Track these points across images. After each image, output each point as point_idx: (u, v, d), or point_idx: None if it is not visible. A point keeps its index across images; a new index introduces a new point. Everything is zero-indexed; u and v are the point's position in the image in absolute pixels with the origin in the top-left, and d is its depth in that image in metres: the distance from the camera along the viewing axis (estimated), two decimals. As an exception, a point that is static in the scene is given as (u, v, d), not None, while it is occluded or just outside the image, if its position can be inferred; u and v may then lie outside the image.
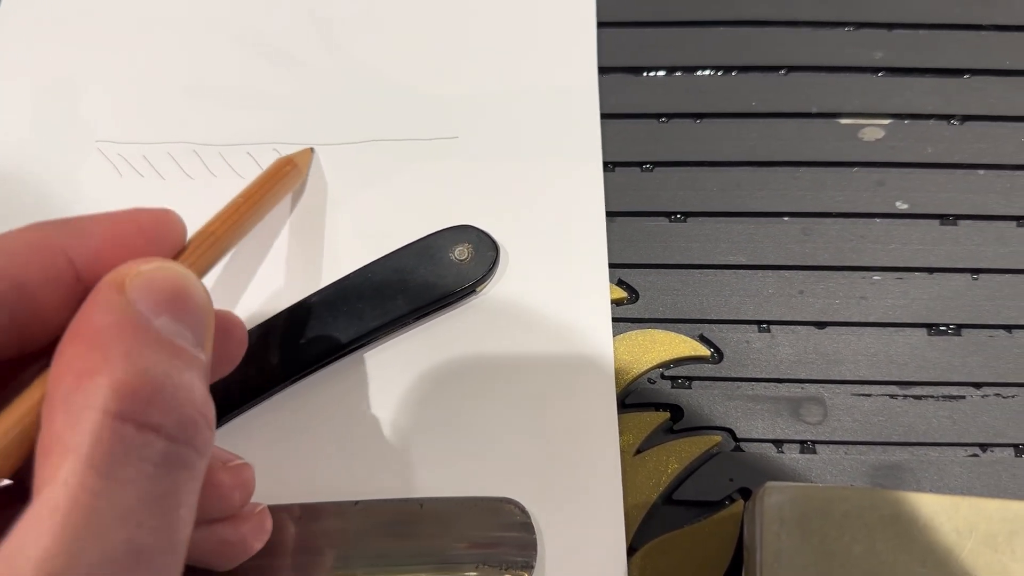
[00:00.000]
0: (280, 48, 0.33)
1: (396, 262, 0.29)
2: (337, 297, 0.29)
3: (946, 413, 0.29)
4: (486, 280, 0.30)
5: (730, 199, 0.31)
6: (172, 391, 0.16)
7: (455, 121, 0.32)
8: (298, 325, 0.28)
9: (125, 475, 0.15)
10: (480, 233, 0.30)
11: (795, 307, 0.30)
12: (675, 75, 0.33)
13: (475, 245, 0.29)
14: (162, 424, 0.16)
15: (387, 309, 0.29)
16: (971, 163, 0.32)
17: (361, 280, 0.29)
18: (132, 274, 0.17)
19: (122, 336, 0.16)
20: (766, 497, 0.25)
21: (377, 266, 0.29)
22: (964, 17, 0.34)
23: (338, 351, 0.28)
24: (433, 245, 0.30)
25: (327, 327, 0.28)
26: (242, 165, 0.32)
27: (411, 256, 0.29)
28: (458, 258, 0.29)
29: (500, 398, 0.29)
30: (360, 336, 0.28)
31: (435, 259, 0.29)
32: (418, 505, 0.27)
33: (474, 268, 0.29)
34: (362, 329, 0.28)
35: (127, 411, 0.15)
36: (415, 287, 0.29)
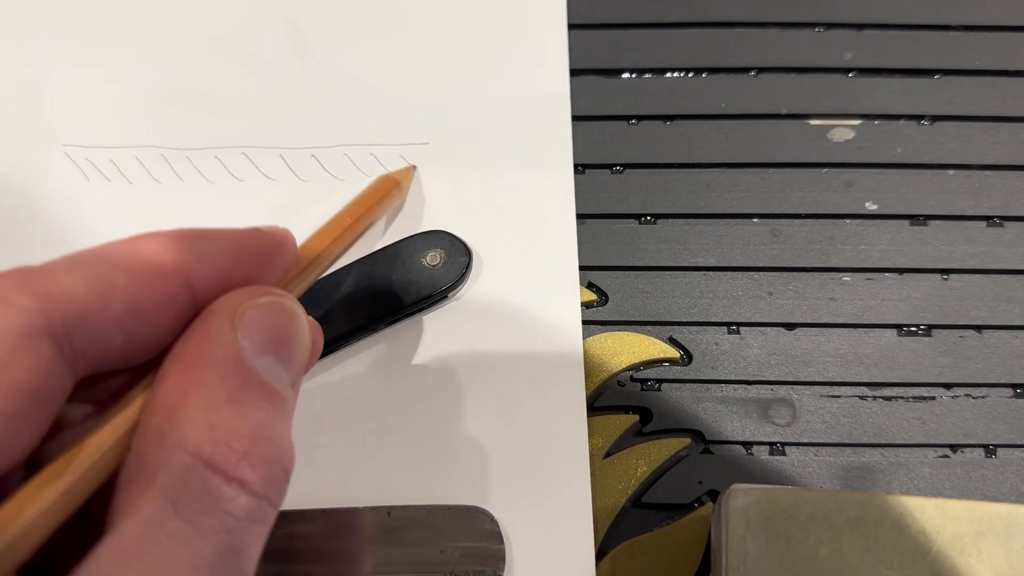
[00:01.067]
0: (250, 51, 0.33)
1: (367, 268, 0.29)
2: (305, 303, 0.28)
3: (916, 414, 0.29)
4: (458, 286, 0.29)
5: (700, 201, 0.31)
6: (265, 446, 0.16)
7: (426, 126, 0.32)
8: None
9: (206, 524, 0.15)
10: (452, 238, 0.29)
11: (764, 308, 0.30)
12: (645, 77, 0.33)
13: (447, 251, 0.29)
14: (250, 481, 0.16)
15: (357, 315, 0.28)
16: (941, 163, 0.32)
17: (330, 286, 0.29)
18: (247, 306, 0.17)
19: (225, 376, 0.16)
20: (731, 500, 0.25)
21: (347, 272, 0.29)
22: (934, 17, 0.34)
23: None
24: (404, 250, 0.29)
25: None
26: (210, 169, 0.31)
27: (382, 262, 0.29)
28: (430, 263, 0.29)
29: (469, 402, 0.28)
30: (328, 342, 0.28)
31: (407, 264, 0.29)
32: (385, 513, 0.26)
33: (446, 274, 0.29)
34: (330, 335, 0.28)
35: (219, 461, 0.15)
36: (386, 293, 0.29)
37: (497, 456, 0.28)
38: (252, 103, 0.32)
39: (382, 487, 0.28)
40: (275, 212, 0.31)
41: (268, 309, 0.17)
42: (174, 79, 0.33)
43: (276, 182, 0.31)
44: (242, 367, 0.16)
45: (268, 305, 0.17)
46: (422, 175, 0.32)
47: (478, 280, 0.30)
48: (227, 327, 0.16)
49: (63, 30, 0.34)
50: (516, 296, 0.30)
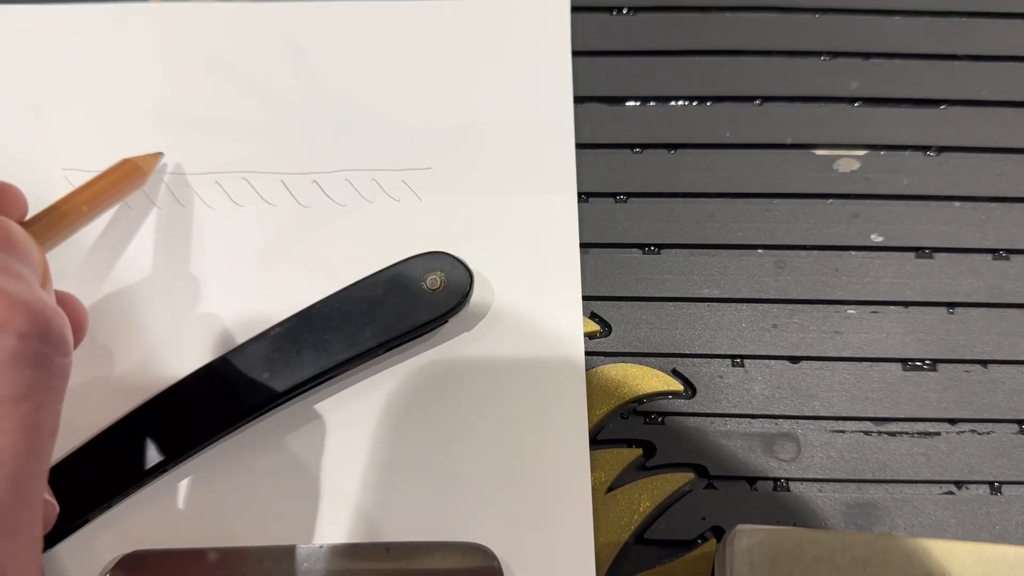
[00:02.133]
0: (252, 77, 0.33)
1: (364, 291, 0.28)
2: (302, 328, 0.28)
3: (921, 450, 0.29)
4: (459, 309, 0.29)
5: (704, 231, 0.31)
6: (13, 292, 0.17)
7: (429, 151, 0.32)
8: (260, 358, 0.27)
9: None
10: (453, 260, 0.29)
11: (769, 341, 0.30)
12: (649, 105, 0.33)
13: (447, 273, 0.28)
14: (7, 320, 0.16)
15: (355, 341, 0.28)
16: (947, 195, 0.32)
17: (328, 310, 0.28)
18: None
19: None
20: (736, 540, 0.24)
21: (344, 295, 0.28)
22: (940, 47, 0.34)
23: (303, 385, 0.27)
24: (403, 273, 0.29)
25: (292, 360, 0.27)
26: (210, 194, 0.31)
27: (381, 284, 0.28)
28: (430, 287, 0.28)
29: (469, 434, 0.28)
30: (326, 370, 0.27)
31: (406, 288, 0.28)
32: (384, 549, 0.26)
33: (447, 297, 0.28)
34: (328, 362, 0.27)
35: None
36: (384, 318, 0.28)
37: (498, 489, 0.27)
38: (253, 128, 0.32)
39: (381, 521, 0.27)
40: (276, 237, 0.31)
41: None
42: (175, 103, 0.33)
43: (277, 207, 0.31)
44: None
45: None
46: (424, 201, 0.31)
47: (479, 309, 0.30)
48: None
49: (65, 54, 0.33)
50: (518, 326, 0.29)
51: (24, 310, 0.17)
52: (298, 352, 0.28)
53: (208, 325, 0.30)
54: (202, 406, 0.28)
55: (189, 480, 0.28)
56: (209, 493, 0.28)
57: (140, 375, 0.29)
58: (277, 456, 0.28)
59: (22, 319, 0.16)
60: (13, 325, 0.16)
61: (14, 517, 0.16)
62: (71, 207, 0.26)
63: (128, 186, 0.29)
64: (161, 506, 0.28)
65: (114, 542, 0.27)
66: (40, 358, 0.17)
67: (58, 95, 0.33)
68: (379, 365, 0.29)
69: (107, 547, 0.27)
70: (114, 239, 0.31)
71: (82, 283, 0.30)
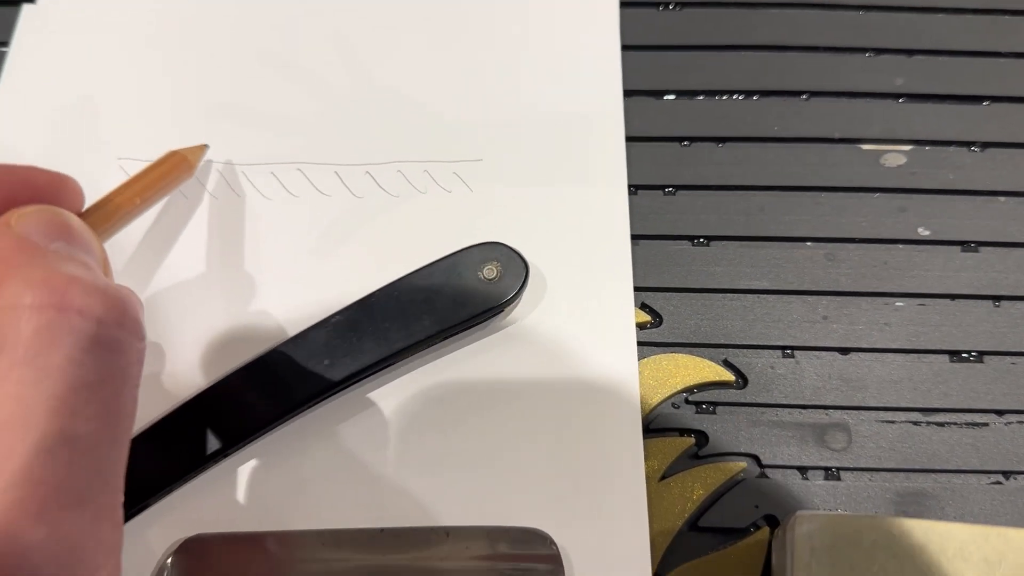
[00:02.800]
0: (304, 69, 0.33)
1: (422, 280, 0.29)
2: (361, 316, 0.28)
3: (969, 440, 0.29)
4: (515, 300, 0.29)
5: (753, 224, 0.32)
6: (88, 278, 0.17)
7: (480, 143, 0.32)
8: (320, 346, 0.28)
9: (52, 362, 0.15)
10: (509, 251, 0.29)
11: (819, 333, 0.30)
12: (698, 99, 0.33)
13: (504, 263, 0.29)
14: (85, 306, 0.16)
15: (413, 329, 0.28)
16: (992, 190, 0.32)
17: (386, 298, 0.28)
18: (15, 215, 0.18)
19: (22, 252, 0.17)
20: (797, 526, 0.25)
21: (403, 284, 0.29)
22: (983, 44, 0.34)
23: (363, 372, 0.28)
24: (460, 263, 0.29)
25: (351, 348, 0.28)
26: (266, 185, 0.32)
27: (438, 274, 0.29)
28: (487, 277, 0.28)
29: (524, 423, 0.28)
30: (386, 357, 0.28)
31: (463, 277, 0.29)
32: (444, 533, 0.26)
33: (503, 287, 0.28)
34: (387, 350, 0.28)
35: (45, 300, 0.16)
36: (442, 306, 0.28)
37: (553, 477, 0.28)
38: (307, 120, 0.33)
39: (440, 506, 0.28)
40: (330, 228, 0.31)
41: (38, 211, 0.19)
42: (230, 95, 0.33)
43: (331, 198, 0.31)
44: (35, 246, 0.17)
45: (37, 210, 0.19)
46: (475, 192, 0.32)
47: (532, 300, 0.30)
48: (4, 227, 0.18)
49: (121, 46, 0.34)
50: (571, 316, 0.30)
51: (100, 296, 0.17)
52: (358, 340, 0.28)
53: (263, 315, 0.30)
54: (261, 393, 0.28)
55: (248, 467, 0.28)
56: (267, 480, 0.28)
57: (196, 364, 0.29)
58: (334, 443, 0.28)
59: (99, 305, 0.17)
60: (91, 311, 0.16)
61: (100, 502, 0.16)
62: (124, 199, 0.27)
63: (176, 178, 0.30)
64: (219, 492, 0.28)
65: (173, 527, 0.27)
66: (117, 343, 0.17)
67: (112, 87, 0.33)
68: (434, 353, 0.29)
69: (166, 532, 0.27)
70: (170, 229, 0.31)
71: (139, 272, 0.30)
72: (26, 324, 0.15)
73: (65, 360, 0.16)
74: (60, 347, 0.16)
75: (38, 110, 0.33)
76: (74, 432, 0.15)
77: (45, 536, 0.15)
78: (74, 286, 0.16)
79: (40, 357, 0.15)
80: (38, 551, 0.14)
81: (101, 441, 0.16)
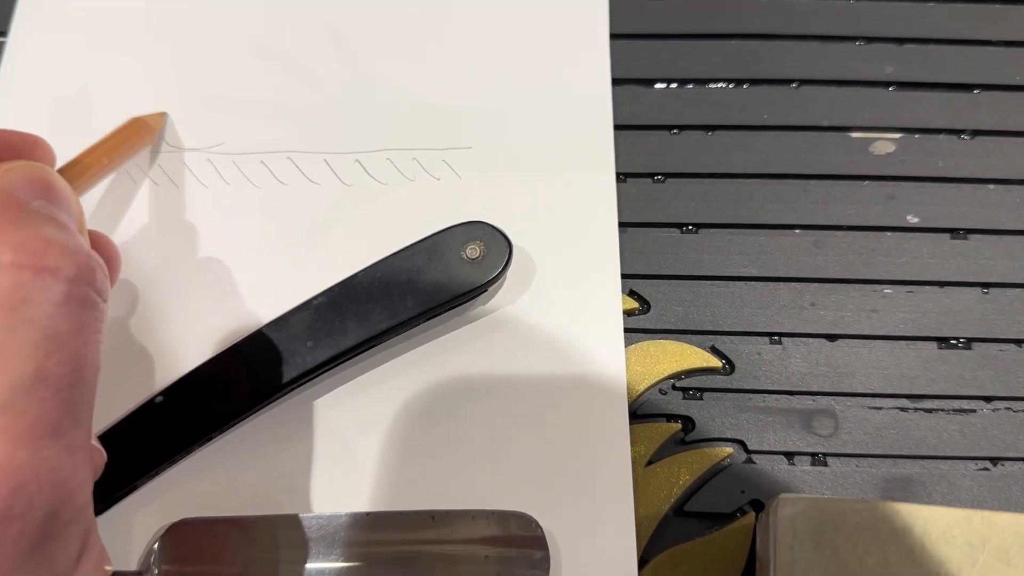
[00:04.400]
0: (294, 58, 0.34)
1: (405, 261, 0.29)
2: (344, 298, 0.28)
3: (957, 427, 0.29)
4: (499, 279, 0.29)
5: (741, 211, 0.32)
6: (63, 242, 0.19)
7: (469, 131, 0.33)
8: (303, 327, 0.28)
9: (28, 314, 0.17)
10: (492, 229, 0.29)
11: (806, 319, 0.30)
12: (687, 87, 0.33)
13: (486, 243, 0.29)
14: (59, 267, 0.18)
15: (396, 310, 0.28)
16: (981, 178, 0.32)
17: (368, 280, 0.28)
18: (3, 168, 0.20)
19: (6, 210, 0.19)
20: (780, 509, 0.25)
21: (385, 265, 0.29)
22: (974, 33, 0.34)
23: (346, 354, 0.28)
24: (443, 243, 0.29)
25: (334, 329, 0.28)
26: (256, 173, 0.32)
27: (420, 254, 0.29)
28: (470, 256, 0.28)
29: (511, 409, 0.29)
30: (368, 338, 0.28)
31: (445, 257, 0.29)
32: (429, 517, 0.27)
33: (486, 267, 0.28)
34: (370, 331, 0.28)
35: (23, 261, 0.18)
36: (425, 287, 0.28)
37: (540, 462, 0.28)
38: (297, 108, 0.33)
39: (425, 490, 0.28)
40: (319, 216, 0.31)
41: (25, 167, 0.20)
42: (220, 85, 0.33)
43: (320, 186, 0.32)
44: (19, 204, 0.19)
45: (24, 165, 0.21)
46: (464, 179, 0.32)
47: (520, 287, 0.30)
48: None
49: (115, 35, 0.34)
50: (558, 303, 0.30)
51: (72, 259, 0.19)
52: (340, 321, 0.28)
53: (251, 302, 0.30)
54: (246, 376, 0.28)
55: (233, 451, 0.28)
56: (252, 464, 0.28)
57: (183, 350, 0.29)
58: (319, 428, 0.29)
59: (71, 267, 0.19)
60: (64, 272, 0.18)
61: (73, 436, 0.18)
62: (92, 159, 0.28)
63: (140, 141, 0.31)
64: (205, 477, 0.28)
65: (159, 512, 0.27)
66: (86, 300, 0.19)
67: (107, 77, 0.33)
68: (419, 337, 0.29)
69: (153, 517, 0.27)
70: (161, 217, 0.31)
71: (131, 260, 0.30)
72: (4, 279, 0.17)
73: (40, 313, 0.18)
74: (35, 302, 0.18)
75: (35, 100, 0.33)
76: (47, 373, 0.17)
77: (27, 458, 0.17)
78: (50, 249, 0.18)
79: (17, 310, 0.17)
80: (22, 471, 0.17)
81: (72, 383, 0.18)
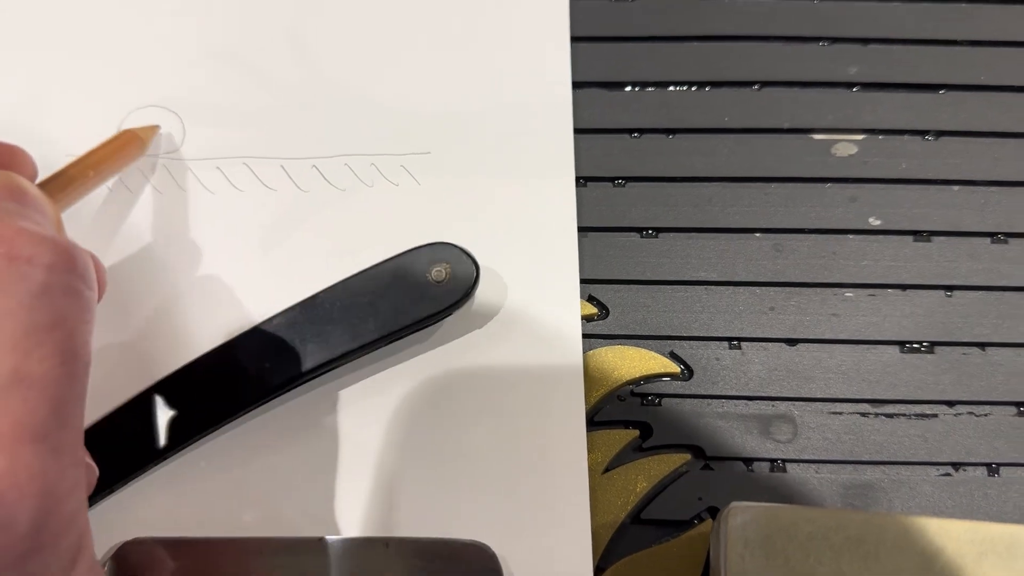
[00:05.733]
0: (250, 62, 0.33)
1: (368, 282, 0.28)
2: (304, 318, 0.28)
3: (918, 432, 0.29)
4: (463, 303, 0.28)
5: (702, 215, 0.31)
6: (36, 230, 0.18)
7: (427, 136, 0.32)
8: (262, 347, 0.27)
9: (3, 307, 0.16)
10: (459, 251, 0.28)
11: (766, 324, 0.30)
12: (648, 90, 0.33)
13: (453, 265, 0.28)
14: (33, 254, 0.17)
15: (357, 332, 0.27)
16: (945, 179, 0.32)
17: (330, 301, 0.28)
18: None
19: None
20: (730, 518, 0.24)
21: (347, 285, 0.28)
22: (939, 32, 0.34)
23: (304, 376, 0.27)
24: (408, 264, 0.28)
25: (293, 350, 0.27)
26: (211, 179, 0.31)
27: (384, 276, 0.28)
28: (435, 279, 0.28)
29: (466, 414, 0.28)
30: (328, 360, 0.27)
31: (410, 279, 0.28)
32: (384, 545, 0.26)
33: (451, 290, 0.28)
34: (330, 354, 0.27)
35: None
36: (387, 309, 0.27)
37: (495, 470, 0.28)
38: (253, 113, 0.32)
39: (377, 513, 0.27)
40: (275, 222, 0.31)
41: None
42: (175, 90, 0.33)
43: (277, 192, 0.31)
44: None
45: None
46: (422, 185, 0.31)
47: (478, 291, 0.30)
48: None
49: (61, 40, 0.34)
50: (516, 308, 0.30)
51: (48, 245, 0.17)
52: (300, 342, 0.27)
53: (207, 311, 0.30)
54: (202, 395, 0.28)
55: (189, 470, 0.28)
56: (207, 483, 0.28)
57: (136, 362, 0.29)
58: (280, 449, 0.28)
59: (47, 253, 0.17)
60: (39, 259, 0.17)
61: (59, 437, 0.17)
62: (78, 172, 0.27)
63: (129, 155, 0.30)
64: (158, 496, 0.28)
65: (111, 531, 0.27)
66: (68, 288, 0.18)
67: (60, 82, 0.33)
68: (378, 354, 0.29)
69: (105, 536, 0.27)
70: (113, 223, 0.31)
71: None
72: None
73: (16, 305, 0.16)
74: (10, 294, 0.16)
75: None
76: (28, 371, 0.16)
77: (6, 465, 0.16)
78: (21, 236, 0.17)
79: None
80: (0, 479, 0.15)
81: (56, 380, 0.17)
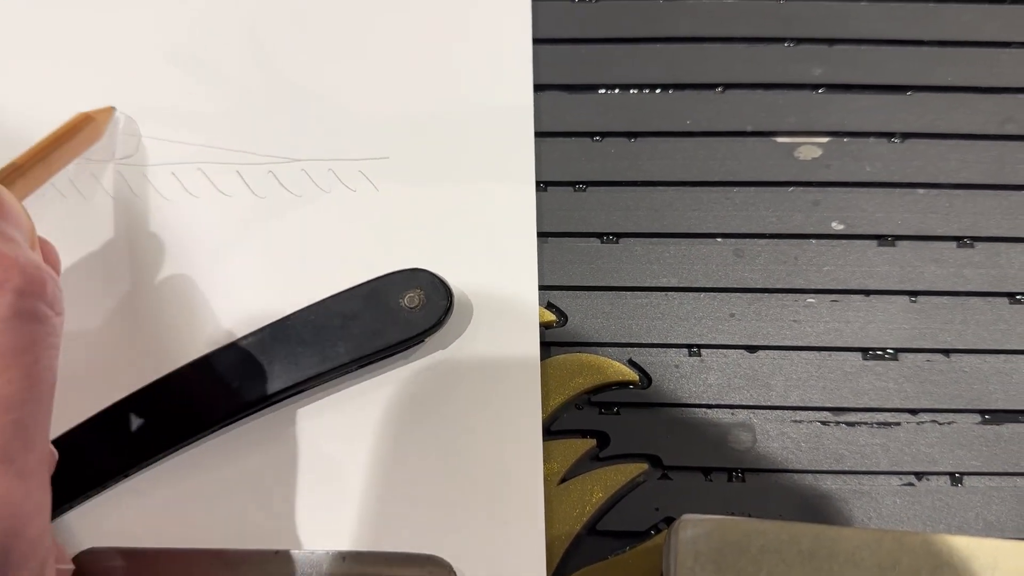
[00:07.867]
0: (206, 66, 0.33)
1: (340, 305, 0.27)
2: (274, 340, 0.27)
3: (880, 441, 0.28)
4: (436, 329, 0.27)
5: (663, 219, 0.31)
6: (8, 255, 0.18)
7: (387, 141, 0.32)
8: (230, 368, 0.27)
9: None
10: (433, 278, 0.28)
11: (726, 330, 0.29)
12: (609, 93, 0.33)
13: (427, 291, 0.27)
14: (4, 280, 0.17)
15: (327, 356, 0.27)
16: (910, 182, 0.31)
17: (302, 323, 0.27)
18: None
19: None
20: (681, 531, 0.24)
21: (319, 308, 0.27)
22: (906, 33, 0.33)
23: (271, 398, 0.27)
24: (381, 289, 0.28)
25: (261, 372, 0.27)
26: (165, 185, 0.31)
27: (357, 300, 0.27)
28: (408, 305, 0.27)
29: (420, 425, 0.28)
30: (296, 383, 0.27)
31: (383, 304, 0.27)
32: (341, 558, 0.26)
33: (425, 317, 0.27)
34: (298, 376, 0.27)
35: None
36: (358, 334, 0.27)
37: (451, 481, 0.27)
38: (209, 118, 0.32)
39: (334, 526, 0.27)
40: (231, 228, 0.30)
41: None
42: (129, 94, 0.32)
43: (232, 198, 0.31)
44: None
45: None
46: (380, 190, 0.31)
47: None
48: None
49: (17, 41, 0.33)
50: (474, 315, 0.29)
51: (19, 271, 0.18)
52: (269, 364, 0.27)
53: (162, 320, 0.29)
54: (168, 412, 0.27)
55: (147, 482, 0.27)
56: (170, 499, 0.27)
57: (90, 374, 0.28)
58: (238, 462, 0.28)
59: (18, 278, 0.18)
60: (10, 284, 0.17)
61: (24, 459, 0.17)
62: (26, 160, 0.27)
63: (85, 138, 0.30)
64: (119, 504, 0.27)
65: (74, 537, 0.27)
66: (36, 314, 0.18)
67: (12, 86, 0.33)
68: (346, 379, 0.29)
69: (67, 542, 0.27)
70: (63, 231, 0.30)
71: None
72: None
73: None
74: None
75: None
76: None
77: None
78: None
79: None
80: None
81: (23, 402, 0.17)
